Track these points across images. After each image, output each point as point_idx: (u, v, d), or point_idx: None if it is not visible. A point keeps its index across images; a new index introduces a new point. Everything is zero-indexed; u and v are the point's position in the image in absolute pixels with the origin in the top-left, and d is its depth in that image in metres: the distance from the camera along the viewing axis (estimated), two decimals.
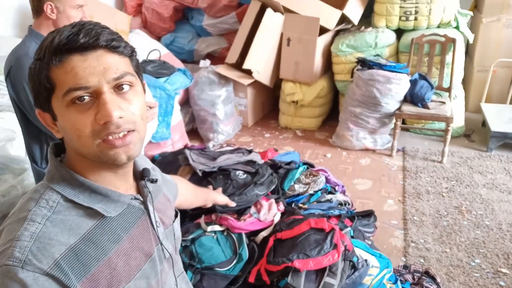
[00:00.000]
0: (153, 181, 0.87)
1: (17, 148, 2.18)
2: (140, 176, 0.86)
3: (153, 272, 0.81)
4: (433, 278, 1.99)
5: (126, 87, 0.71)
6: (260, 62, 3.64)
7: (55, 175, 0.74)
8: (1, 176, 1.93)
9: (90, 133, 0.69)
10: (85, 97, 0.68)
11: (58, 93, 0.69)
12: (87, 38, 0.68)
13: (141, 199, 0.83)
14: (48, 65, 0.68)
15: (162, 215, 0.88)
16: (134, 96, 0.73)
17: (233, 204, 1.73)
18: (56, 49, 0.67)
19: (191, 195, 1.39)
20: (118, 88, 0.71)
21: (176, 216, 0.97)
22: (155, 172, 0.99)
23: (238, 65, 3.68)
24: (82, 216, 0.72)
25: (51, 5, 1.56)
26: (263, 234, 1.89)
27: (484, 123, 3.62)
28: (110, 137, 0.69)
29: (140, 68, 0.79)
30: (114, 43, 0.70)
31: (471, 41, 3.69)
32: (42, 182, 0.76)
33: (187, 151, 2.32)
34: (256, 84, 3.77)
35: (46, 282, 0.63)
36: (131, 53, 0.75)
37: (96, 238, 0.72)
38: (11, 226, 0.69)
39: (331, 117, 3.93)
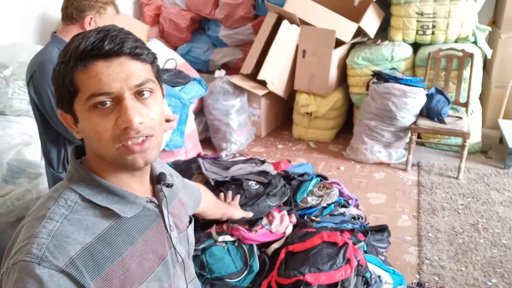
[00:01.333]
0: (169, 185, 0.88)
1: (33, 152, 2.21)
2: (157, 180, 0.88)
3: (166, 275, 0.83)
4: None
5: (146, 93, 0.74)
6: (275, 73, 3.65)
7: (75, 175, 0.77)
8: (17, 180, 1.95)
9: (110, 137, 0.71)
10: (107, 102, 0.70)
11: (81, 97, 0.71)
12: (112, 45, 0.70)
13: (156, 202, 0.85)
14: (73, 69, 0.70)
15: (176, 219, 0.90)
16: (154, 102, 0.75)
17: (250, 214, 1.74)
18: (82, 55, 0.69)
19: (213, 205, 1.42)
20: (139, 94, 0.73)
21: (190, 222, 0.98)
22: (173, 177, 1.01)
23: (253, 76, 3.70)
24: (99, 216, 0.74)
25: (91, 18, 1.60)
26: (275, 246, 1.87)
27: (501, 140, 3.55)
28: (129, 142, 0.72)
29: (161, 74, 0.82)
30: (138, 51, 0.72)
31: (489, 56, 3.65)
32: (62, 182, 0.78)
33: (200, 160, 2.32)
34: (270, 95, 3.78)
35: (61, 279, 0.65)
36: (153, 60, 0.77)
37: (111, 239, 0.73)
38: (31, 223, 0.71)
39: (345, 129, 3.91)
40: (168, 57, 3.40)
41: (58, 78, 0.73)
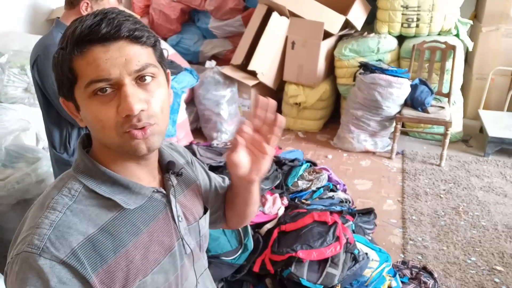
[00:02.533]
0: (179, 174, 0.85)
1: (31, 137, 2.25)
2: (166, 169, 0.84)
3: (173, 267, 0.80)
4: (430, 274, 2.06)
5: (148, 79, 0.70)
6: (264, 64, 3.72)
7: (80, 164, 0.75)
8: (16, 165, 1.99)
9: (113, 125, 0.68)
10: (106, 89, 0.67)
11: (80, 84, 0.68)
12: (109, 28, 0.66)
13: (164, 192, 0.81)
14: (70, 55, 0.67)
15: (186, 210, 0.86)
16: (156, 87, 0.71)
17: None
18: (78, 40, 0.66)
19: None
20: (140, 79, 0.69)
21: (205, 212, 0.93)
22: (193, 165, 0.96)
23: (243, 67, 3.76)
24: (102, 206, 0.72)
25: (87, 4, 1.62)
26: (268, 226, 1.96)
27: (481, 129, 3.70)
28: (132, 129, 0.69)
29: (164, 58, 0.77)
30: (137, 33, 0.68)
31: (470, 49, 3.78)
32: (69, 171, 0.77)
33: (194, 146, 2.40)
34: (260, 85, 3.85)
35: (62, 271, 0.64)
36: (154, 43, 0.73)
37: (115, 230, 0.71)
38: (34, 213, 0.70)
39: (333, 119, 4.01)
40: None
41: (57, 65, 0.70)
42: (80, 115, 0.73)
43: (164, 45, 3.71)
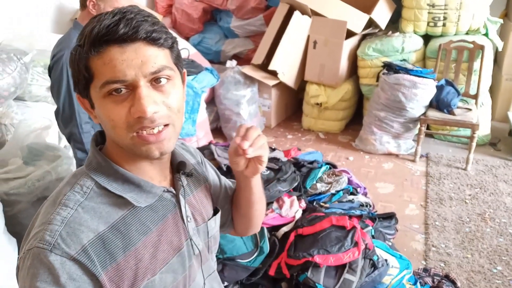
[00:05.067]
0: (189, 174, 0.85)
1: (53, 136, 2.29)
2: (177, 169, 0.84)
3: (181, 267, 0.80)
4: (453, 282, 1.98)
5: (163, 80, 0.70)
6: (285, 63, 3.69)
7: (93, 161, 0.75)
8: (37, 162, 2.02)
9: (124, 125, 0.68)
10: (121, 89, 0.68)
11: (96, 83, 0.68)
12: (127, 29, 0.66)
13: (174, 192, 0.81)
14: (87, 54, 0.68)
15: (195, 211, 0.86)
16: (171, 89, 0.71)
17: None
18: (95, 39, 0.66)
19: None
20: (155, 81, 0.69)
21: (215, 214, 0.93)
22: (204, 165, 0.96)
23: (263, 67, 3.74)
24: (113, 204, 0.72)
25: (93, 2, 1.63)
26: (284, 229, 1.93)
27: (510, 132, 3.56)
28: (144, 132, 0.69)
29: (181, 59, 0.77)
30: (154, 35, 0.68)
31: (500, 49, 3.64)
32: (81, 167, 0.77)
33: (212, 147, 2.39)
34: (281, 85, 3.82)
35: (72, 267, 0.65)
36: (171, 45, 0.73)
37: (125, 228, 0.72)
38: (47, 209, 0.71)
39: (355, 120, 3.94)
40: (180, 47, 3.46)
41: (74, 62, 0.71)
42: (95, 112, 0.74)
43: (185, 44, 3.72)
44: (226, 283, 1.76)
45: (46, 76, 2.53)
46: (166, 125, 0.71)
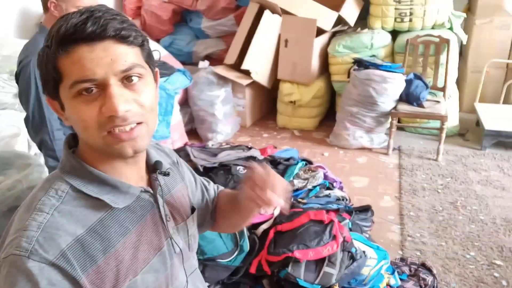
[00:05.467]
0: (166, 174, 0.84)
1: (22, 144, 2.22)
2: (153, 168, 0.83)
3: (163, 266, 0.80)
4: (429, 270, 2.03)
5: (135, 79, 0.69)
6: (258, 63, 3.70)
7: (66, 165, 0.74)
8: (7, 171, 1.96)
9: (96, 125, 0.67)
10: (92, 89, 0.66)
11: (65, 83, 0.67)
12: (95, 27, 0.64)
13: (151, 191, 0.81)
14: (55, 54, 0.66)
15: (173, 210, 0.86)
16: (143, 87, 0.70)
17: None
18: (63, 39, 0.65)
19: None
20: (126, 79, 0.68)
21: (192, 212, 0.93)
22: (179, 165, 0.96)
23: (236, 66, 3.74)
24: (90, 207, 0.71)
25: (54, 3, 1.58)
26: (264, 226, 1.94)
27: (478, 123, 3.69)
28: (116, 130, 0.68)
29: (152, 57, 0.76)
30: (123, 33, 0.67)
31: (464, 42, 3.77)
32: (55, 171, 0.76)
33: (188, 148, 2.37)
34: (254, 85, 3.83)
35: (52, 273, 0.64)
36: (142, 43, 0.71)
37: (103, 230, 0.71)
38: (21, 215, 0.70)
39: (328, 117, 3.99)
40: (151, 49, 3.42)
41: (42, 64, 0.69)
42: (65, 114, 0.72)
43: (156, 46, 3.68)
44: (207, 284, 1.75)
45: (12, 83, 2.45)
46: (139, 123, 0.70)
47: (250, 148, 2.38)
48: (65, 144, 0.78)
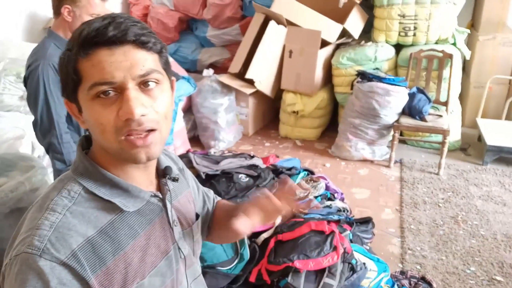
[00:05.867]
0: (175, 179, 0.85)
1: (26, 146, 2.23)
2: (162, 174, 0.85)
3: (169, 270, 0.81)
4: (429, 284, 2.03)
5: (152, 84, 0.70)
6: (262, 72, 3.73)
7: (79, 166, 0.75)
8: (9, 173, 1.97)
9: (112, 129, 0.68)
10: (109, 92, 0.68)
11: (84, 85, 0.68)
12: (116, 31, 0.66)
13: (161, 196, 0.82)
14: (76, 56, 0.68)
15: (180, 215, 0.87)
16: (159, 94, 0.71)
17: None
18: (84, 41, 0.67)
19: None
20: (143, 84, 0.69)
21: (197, 218, 0.94)
22: (184, 172, 0.97)
23: (240, 75, 3.76)
24: (101, 209, 0.72)
25: (68, 8, 1.60)
26: (264, 235, 1.93)
27: (480, 138, 3.69)
28: (132, 137, 0.69)
29: (170, 65, 0.78)
30: (143, 39, 0.69)
31: (467, 58, 3.79)
32: (68, 172, 0.77)
33: (191, 155, 2.38)
34: (258, 94, 3.85)
35: (62, 272, 0.64)
36: (160, 49, 0.73)
37: (113, 232, 0.72)
38: (33, 214, 0.70)
39: (330, 128, 4.00)
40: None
41: (63, 66, 0.71)
42: (82, 117, 0.73)
43: None
44: None
45: (18, 85, 2.47)
46: (153, 130, 0.70)
47: (252, 157, 2.38)
48: (78, 146, 0.79)
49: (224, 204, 1.09)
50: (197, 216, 0.95)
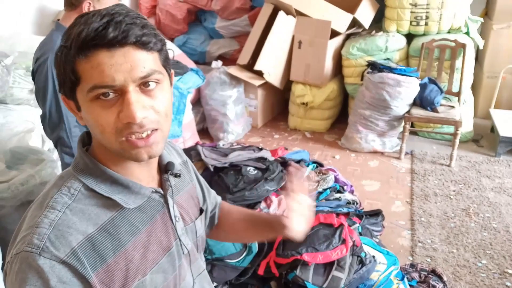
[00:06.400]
0: (177, 175, 0.84)
1: (36, 139, 2.25)
2: (164, 169, 0.84)
3: (171, 267, 0.80)
4: (439, 277, 2.01)
5: (152, 85, 0.69)
6: (271, 63, 3.70)
7: (80, 163, 0.75)
8: (20, 166, 1.99)
9: (113, 131, 0.68)
10: (109, 93, 0.67)
11: (83, 87, 0.67)
12: (116, 33, 0.65)
13: (162, 192, 0.81)
14: (74, 57, 0.66)
15: (182, 211, 0.86)
16: (160, 93, 0.71)
17: None
18: (83, 43, 0.65)
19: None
20: (144, 85, 0.69)
21: (200, 213, 0.94)
22: (188, 165, 0.97)
23: (249, 67, 3.74)
24: (102, 206, 0.72)
25: (90, 3, 1.57)
26: None
27: (492, 129, 3.63)
28: (133, 137, 0.68)
29: (169, 60, 0.76)
30: (144, 39, 0.67)
31: (481, 47, 3.71)
32: (68, 169, 0.77)
33: (199, 147, 2.38)
34: (267, 85, 3.83)
35: (62, 270, 0.64)
36: (160, 48, 0.72)
37: (114, 229, 0.71)
38: (33, 212, 0.70)
39: (340, 119, 3.97)
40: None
41: (60, 64, 0.69)
42: (80, 114, 0.73)
43: (170, 45, 3.70)
44: (215, 284, 1.75)
45: (28, 79, 2.49)
46: (154, 130, 0.70)
47: (261, 149, 2.37)
48: (79, 142, 0.78)
49: (243, 211, 1.10)
50: (201, 211, 0.95)
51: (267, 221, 0.99)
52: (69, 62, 0.67)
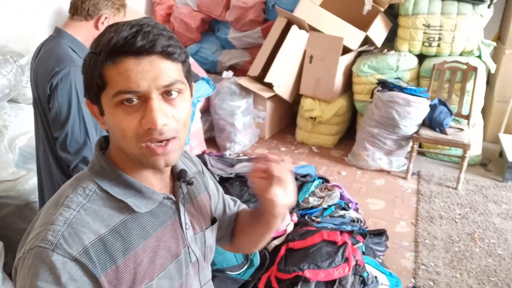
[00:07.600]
0: (189, 183, 0.86)
1: None
2: (177, 176, 0.86)
3: (178, 274, 0.81)
4: None
5: (174, 94, 0.72)
6: (281, 76, 3.71)
7: (96, 165, 0.77)
8: (28, 165, 2.00)
9: (134, 136, 0.70)
10: (133, 100, 0.69)
11: (109, 91, 0.70)
12: (144, 42, 0.68)
13: (174, 199, 0.83)
14: (103, 63, 0.69)
15: (193, 219, 0.88)
16: (181, 103, 0.73)
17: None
18: (112, 50, 0.68)
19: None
20: (166, 93, 0.71)
21: (212, 223, 0.94)
22: (203, 174, 0.98)
23: (259, 79, 3.76)
24: (114, 208, 0.74)
25: (106, 18, 1.53)
26: (275, 242, 1.92)
27: (501, 154, 3.60)
28: (153, 145, 0.71)
29: (191, 73, 0.79)
30: (170, 49, 0.70)
31: (492, 71, 3.70)
32: (84, 170, 0.79)
33: (206, 156, 2.38)
34: (276, 98, 3.84)
35: (73, 268, 0.66)
36: (184, 59, 0.75)
37: (125, 232, 0.73)
38: (48, 210, 0.72)
39: (348, 136, 3.96)
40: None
41: (88, 69, 0.72)
42: (103, 119, 0.75)
43: None
44: None
45: None
46: (173, 138, 0.72)
47: None
48: (96, 145, 0.81)
49: (248, 210, 1.08)
50: (213, 221, 0.95)
51: (258, 208, 0.94)
52: (97, 68, 0.70)
